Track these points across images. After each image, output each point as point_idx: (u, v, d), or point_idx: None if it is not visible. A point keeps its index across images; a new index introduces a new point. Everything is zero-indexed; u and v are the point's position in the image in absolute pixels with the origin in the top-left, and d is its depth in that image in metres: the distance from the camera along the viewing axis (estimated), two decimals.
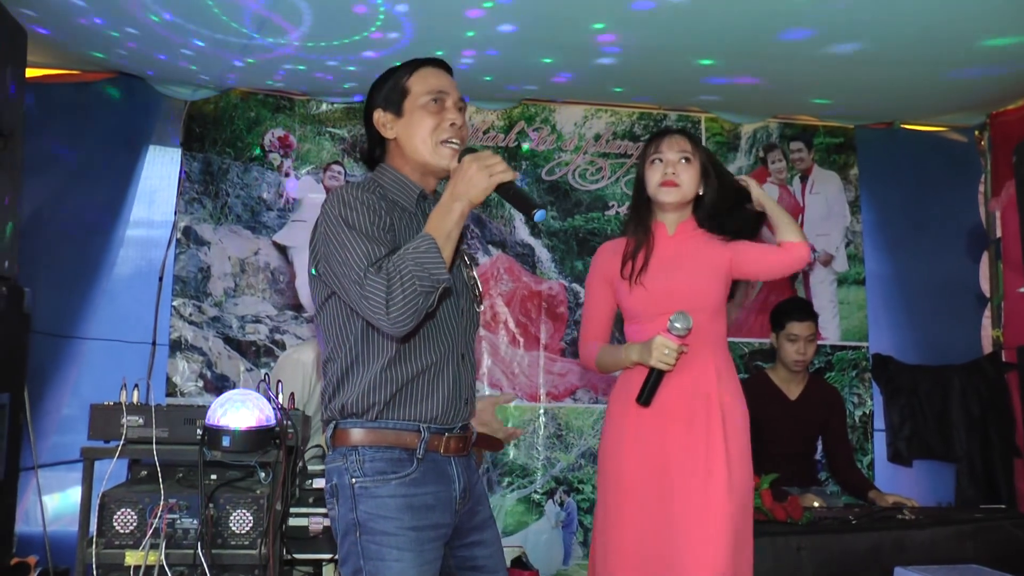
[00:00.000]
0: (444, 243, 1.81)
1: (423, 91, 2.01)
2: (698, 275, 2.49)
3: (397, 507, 1.85)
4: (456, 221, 1.83)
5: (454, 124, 1.99)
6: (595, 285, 2.66)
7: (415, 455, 1.89)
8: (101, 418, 2.56)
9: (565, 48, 3.67)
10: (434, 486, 1.90)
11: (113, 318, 4.08)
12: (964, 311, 4.62)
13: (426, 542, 1.86)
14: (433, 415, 1.91)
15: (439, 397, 1.92)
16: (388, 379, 1.89)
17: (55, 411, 3.85)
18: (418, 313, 1.78)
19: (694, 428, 2.41)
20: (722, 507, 2.34)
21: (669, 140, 2.55)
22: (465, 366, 1.99)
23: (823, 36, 3.45)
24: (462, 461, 1.98)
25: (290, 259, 4.31)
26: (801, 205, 4.69)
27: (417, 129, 1.99)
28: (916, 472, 4.50)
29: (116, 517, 2.44)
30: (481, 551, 2.01)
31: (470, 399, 2.01)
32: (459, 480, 1.96)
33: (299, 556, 2.65)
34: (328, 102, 4.38)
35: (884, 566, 2.97)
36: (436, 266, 1.77)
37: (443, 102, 2.00)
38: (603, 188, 4.56)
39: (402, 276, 1.75)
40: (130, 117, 4.13)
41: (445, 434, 1.94)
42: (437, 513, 1.89)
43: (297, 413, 2.69)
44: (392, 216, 1.93)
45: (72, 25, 3.46)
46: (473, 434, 2.06)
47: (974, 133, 4.70)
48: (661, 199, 2.54)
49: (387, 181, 2.03)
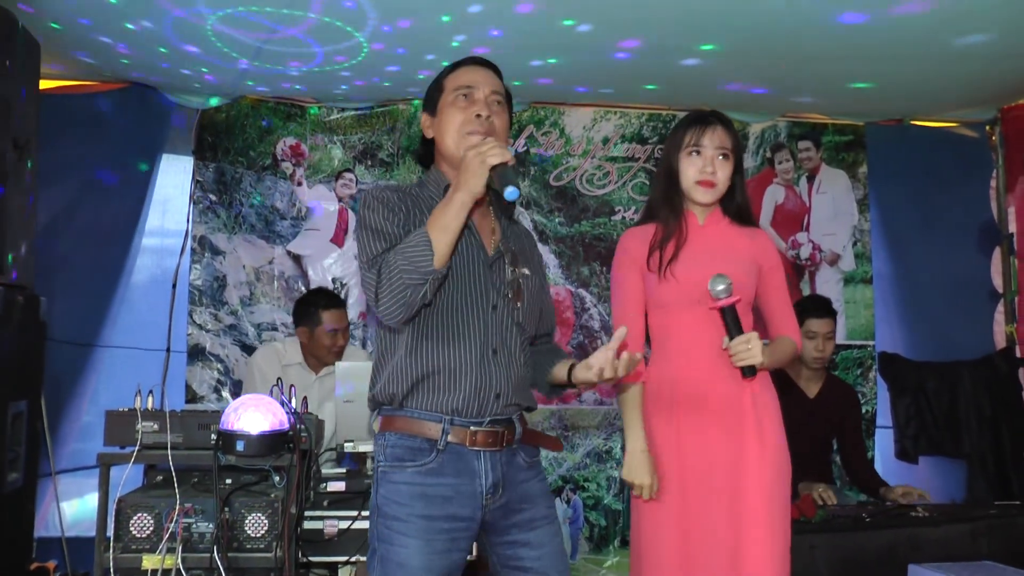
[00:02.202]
0: (439, 235, 1.83)
1: (452, 87, 2.04)
2: (730, 266, 2.35)
3: (410, 494, 1.88)
4: (455, 212, 1.85)
5: (479, 116, 2.00)
6: (625, 274, 2.46)
7: (435, 445, 1.91)
8: (116, 424, 2.58)
9: (573, 48, 3.69)
10: (454, 478, 1.91)
11: (130, 326, 4.13)
12: (976, 307, 4.61)
13: (436, 532, 1.87)
14: (455, 407, 1.92)
15: (462, 390, 1.92)
16: (408, 369, 1.93)
17: (75, 418, 3.90)
18: (407, 305, 1.84)
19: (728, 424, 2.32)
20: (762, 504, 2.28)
21: (711, 133, 2.38)
22: (498, 361, 1.97)
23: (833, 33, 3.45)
24: (497, 456, 1.96)
25: (304, 268, 4.35)
26: (807, 205, 4.69)
27: (447, 125, 2.03)
28: (925, 469, 4.49)
29: (133, 522, 2.46)
30: (528, 552, 1.97)
31: (504, 394, 1.96)
32: (487, 475, 1.93)
33: (315, 559, 2.67)
34: (338, 109, 4.41)
35: (898, 564, 2.95)
36: (423, 259, 1.81)
37: (471, 96, 2.02)
38: (610, 193, 4.57)
39: (390, 270, 1.83)
40: (143, 127, 4.17)
41: (471, 427, 1.93)
42: (454, 505, 1.90)
43: (311, 417, 2.70)
44: (416, 210, 1.99)
45: (84, 36, 3.50)
46: (517, 430, 2.01)
47: (985, 128, 4.69)
48: (697, 198, 2.41)
49: (429, 179, 2.09)
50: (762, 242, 2.48)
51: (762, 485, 2.30)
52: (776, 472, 2.35)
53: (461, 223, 1.87)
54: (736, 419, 2.33)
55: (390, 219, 1.94)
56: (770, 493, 2.31)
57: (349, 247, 4.39)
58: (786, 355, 2.46)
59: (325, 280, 4.34)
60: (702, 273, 2.33)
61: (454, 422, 1.92)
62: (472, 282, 1.98)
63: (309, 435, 2.64)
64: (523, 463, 2.03)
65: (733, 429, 2.33)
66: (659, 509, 2.36)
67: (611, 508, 4.40)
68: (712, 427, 2.33)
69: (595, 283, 4.52)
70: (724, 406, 2.33)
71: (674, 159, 2.43)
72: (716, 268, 2.34)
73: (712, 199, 2.42)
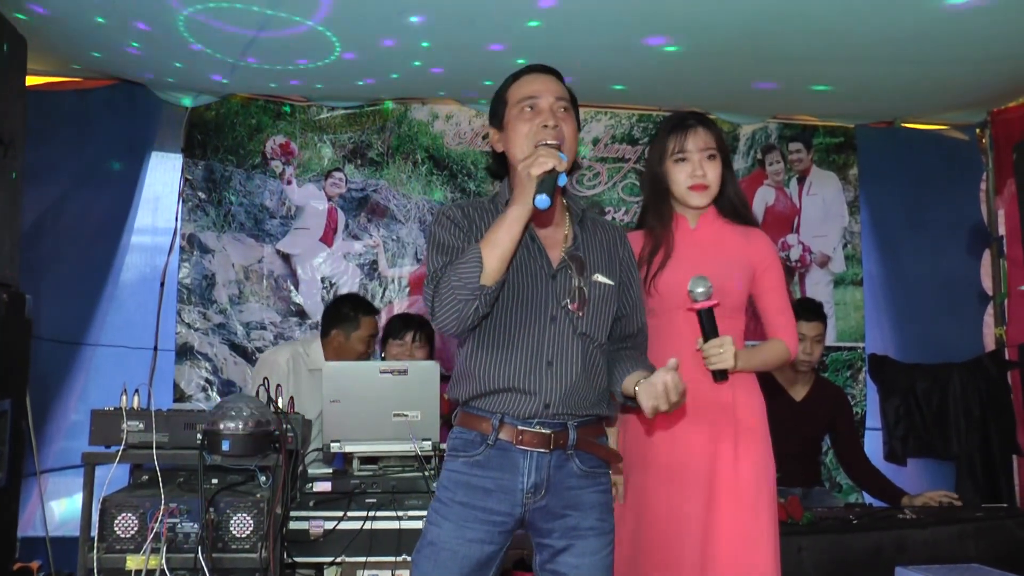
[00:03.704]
0: (489, 250, 1.88)
1: (516, 100, 2.05)
2: (722, 271, 2.36)
3: (455, 482, 1.99)
4: (506, 227, 1.89)
5: (547, 126, 2.00)
6: None
7: (486, 440, 1.98)
8: (102, 423, 2.57)
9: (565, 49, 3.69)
10: (497, 472, 1.97)
11: (119, 324, 4.12)
12: (965, 309, 4.62)
13: (471, 520, 1.95)
14: (506, 408, 1.98)
15: (509, 399, 1.98)
16: (465, 375, 2.03)
17: (61, 417, 3.88)
18: (460, 318, 1.92)
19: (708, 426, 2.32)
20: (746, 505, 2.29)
21: (694, 136, 2.38)
22: (552, 373, 1.99)
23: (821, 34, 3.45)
24: (544, 458, 1.97)
25: (293, 267, 4.33)
26: (797, 207, 4.69)
27: (515, 138, 2.04)
28: (914, 470, 4.49)
29: (117, 522, 2.45)
30: (567, 558, 1.98)
31: (554, 404, 1.98)
32: (530, 474, 1.97)
33: (300, 559, 2.67)
34: (328, 107, 4.40)
35: (885, 566, 2.96)
36: (471, 275, 1.88)
37: (536, 105, 2.03)
38: (600, 194, 4.57)
39: (445, 286, 1.91)
40: (132, 124, 4.15)
41: (520, 426, 1.98)
42: (494, 498, 1.96)
43: (297, 417, 2.70)
44: (483, 223, 2.03)
45: (71, 31, 3.48)
46: (571, 437, 2.00)
47: (975, 131, 4.70)
48: (693, 203, 2.41)
49: (503, 191, 2.11)
50: (757, 242, 2.45)
51: (738, 487, 2.30)
52: (755, 475, 2.34)
53: (514, 237, 1.90)
54: (717, 421, 2.33)
55: (455, 234, 2.01)
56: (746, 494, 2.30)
57: (338, 246, 4.37)
58: (773, 358, 2.43)
59: (314, 279, 4.33)
60: (685, 279, 2.32)
61: (504, 420, 1.98)
62: (530, 293, 2.00)
63: (295, 435, 2.63)
64: (576, 470, 2.01)
65: (714, 431, 2.32)
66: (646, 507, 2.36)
67: None
68: (692, 428, 2.33)
69: None
70: (706, 408, 2.33)
71: (659, 168, 2.43)
72: (704, 272, 2.32)
73: (707, 201, 2.42)
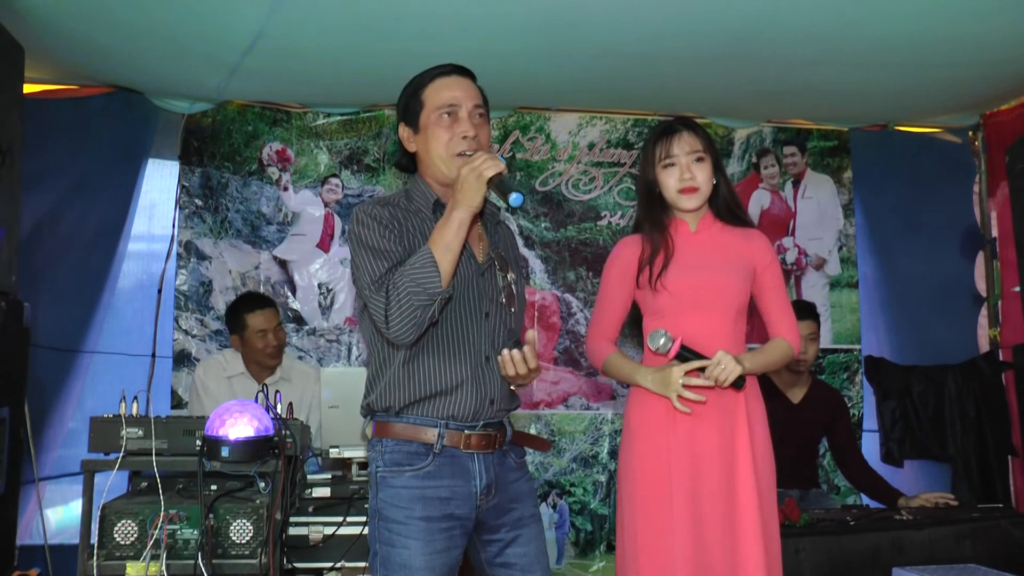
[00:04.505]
0: (443, 254, 1.88)
1: (435, 105, 2.04)
2: (723, 273, 2.40)
3: (409, 498, 1.94)
4: (455, 230, 1.89)
5: (466, 136, 2.02)
6: (613, 281, 2.51)
7: (432, 449, 1.97)
8: (101, 430, 2.58)
9: (559, 54, 3.70)
10: (451, 480, 1.97)
11: (116, 331, 4.11)
12: (960, 311, 4.63)
13: (436, 532, 1.93)
14: (451, 413, 1.98)
15: (459, 399, 1.98)
16: (406, 380, 1.99)
17: (59, 425, 3.87)
18: (418, 324, 1.89)
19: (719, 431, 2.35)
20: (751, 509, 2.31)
21: (679, 140, 2.42)
22: (491, 368, 2.02)
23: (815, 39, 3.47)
24: (489, 458, 2.03)
25: (290, 273, 4.34)
26: (793, 210, 4.71)
27: (432, 144, 2.04)
28: (910, 472, 4.51)
29: (117, 529, 2.45)
30: (515, 549, 2.05)
31: (497, 400, 2.03)
32: (482, 476, 2.00)
33: (300, 565, 2.67)
34: (324, 114, 4.40)
35: (883, 567, 2.97)
36: (430, 280, 1.86)
37: (456, 114, 2.03)
38: (595, 198, 4.58)
39: (399, 293, 1.87)
40: (128, 131, 4.14)
41: (466, 431, 1.99)
42: (452, 506, 1.96)
43: (296, 423, 2.70)
44: (408, 226, 2.02)
45: (68, 38, 3.48)
46: (507, 432, 2.09)
47: (968, 134, 4.71)
48: (684, 206, 2.44)
49: (415, 192, 2.11)
50: (756, 242, 2.49)
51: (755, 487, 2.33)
52: (766, 476, 2.41)
53: (462, 241, 1.92)
54: (730, 423, 2.36)
55: (387, 237, 1.97)
56: (761, 495, 2.34)
57: (335, 252, 4.38)
58: (777, 357, 2.47)
59: (311, 286, 4.33)
60: (693, 279, 2.40)
61: (449, 426, 1.98)
62: (466, 292, 2.02)
63: (295, 441, 2.64)
64: (513, 464, 2.10)
65: (727, 433, 2.35)
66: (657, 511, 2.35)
67: (597, 513, 4.41)
68: (708, 430, 2.35)
69: (581, 288, 4.52)
70: (720, 410, 2.35)
71: (651, 175, 2.49)
72: (707, 274, 2.40)
73: (698, 203, 2.45)
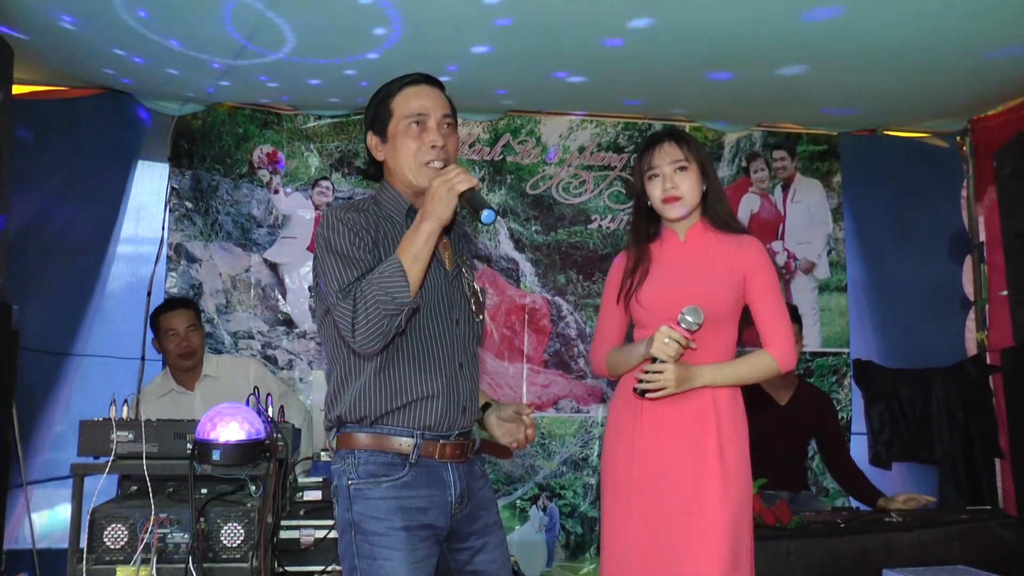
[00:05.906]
0: (411, 264, 1.87)
1: (403, 114, 2.04)
2: (699, 283, 2.40)
3: (388, 509, 1.91)
4: (424, 240, 1.89)
5: (435, 146, 2.02)
6: (610, 293, 2.57)
7: (408, 460, 1.95)
8: (90, 434, 2.56)
9: (549, 57, 3.71)
10: (427, 489, 1.96)
11: (105, 334, 4.09)
12: (947, 315, 4.65)
13: (417, 541, 1.91)
14: (426, 423, 1.96)
15: (435, 409, 1.97)
16: (378, 388, 1.96)
17: (47, 428, 3.86)
18: (384, 334, 1.86)
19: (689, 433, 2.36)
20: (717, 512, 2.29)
21: (660, 152, 2.45)
22: (464, 375, 2.03)
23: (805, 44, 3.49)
24: (461, 467, 2.02)
25: (281, 276, 4.33)
26: (782, 214, 4.74)
27: (401, 153, 2.04)
28: (898, 475, 4.53)
29: (106, 533, 2.44)
30: (482, 556, 2.05)
31: (469, 408, 2.04)
32: (456, 485, 2.00)
33: (291, 569, 2.66)
34: (315, 116, 4.40)
35: (873, 568, 2.98)
36: (399, 289, 1.85)
37: (424, 123, 2.03)
38: (586, 202, 4.60)
39: (366, 301, 1.84)
40: (118, 133, 4.14)
41: (440, 440, 1.98)
42: (431, 515, 1.95)
43: (287, 426, 2.70)
44: (380, 233, 2.00)
45: (58, 40, 3.47)
46: (475, 441, 2.09)
47: (956, 139, 4.74)
48: (669, 215, 2.47)
49: (384, 198, 2.09)
50: (746, 249, 2.46)
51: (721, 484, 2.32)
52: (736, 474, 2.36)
53: (431, 252, 1.91)
54: (699, 429, 2.36)
55: (358, 244, 1.94)
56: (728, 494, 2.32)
57: None
58: (749, 373, 2.42)
59: (302, 288, 4.33)
60: (665, 291, 2.43)
61: (425, 436, 1.97)
62: (437, 300, 2.02)
63: (286, 444, 2.63)
64: (479, 471, 2.11)
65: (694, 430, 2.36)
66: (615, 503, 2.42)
67: (587, 516, 4.41)
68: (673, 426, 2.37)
69: (571, 291, 4.53)
70: (687, 408, 2.37)
71: (640, 187, 2.53)
72: (681, 285, 2.41)
73: (683, 212, 2.46)
